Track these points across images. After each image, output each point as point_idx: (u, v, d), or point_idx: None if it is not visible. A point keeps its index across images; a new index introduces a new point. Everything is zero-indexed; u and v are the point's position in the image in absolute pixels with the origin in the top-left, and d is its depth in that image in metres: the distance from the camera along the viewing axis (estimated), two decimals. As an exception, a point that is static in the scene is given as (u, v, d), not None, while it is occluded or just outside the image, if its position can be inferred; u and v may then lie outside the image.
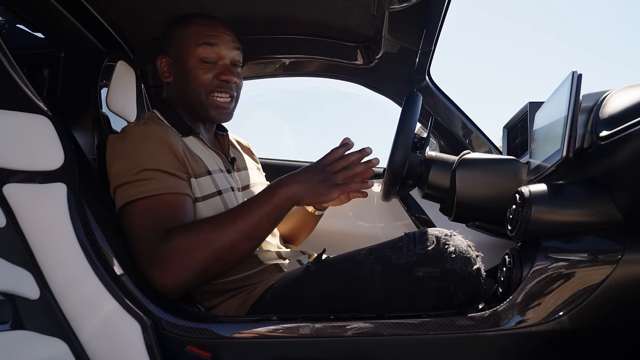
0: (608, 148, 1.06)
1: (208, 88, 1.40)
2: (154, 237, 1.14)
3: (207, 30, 1.40)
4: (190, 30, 1.40)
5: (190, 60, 1.39)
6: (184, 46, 1.40)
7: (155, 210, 1.18)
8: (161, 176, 1.21)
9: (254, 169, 1.63)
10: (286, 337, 1.07)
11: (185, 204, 1.23)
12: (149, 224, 1.16)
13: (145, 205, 1.18)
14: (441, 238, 1.18)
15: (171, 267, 1.12)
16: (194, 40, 1.39)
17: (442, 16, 1.65)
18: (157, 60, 1.45)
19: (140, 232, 1.16)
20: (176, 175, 1.24)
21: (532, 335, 1.04)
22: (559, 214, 1.08)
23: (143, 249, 1.15)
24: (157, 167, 1.22)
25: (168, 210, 1.19)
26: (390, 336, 1.06)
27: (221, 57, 1.41)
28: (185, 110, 1.45)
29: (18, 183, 1.04)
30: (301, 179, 1.21)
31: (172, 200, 1.21)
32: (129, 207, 1.19)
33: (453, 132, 2.11)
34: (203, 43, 1.38)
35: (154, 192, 1.19)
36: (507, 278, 1.13)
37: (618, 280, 1.01)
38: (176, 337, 1.07)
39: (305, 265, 1.28)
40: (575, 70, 1.13)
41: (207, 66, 1.39)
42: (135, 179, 1.20)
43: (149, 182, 1.20)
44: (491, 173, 1.40)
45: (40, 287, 1.02)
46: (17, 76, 1.10)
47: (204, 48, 1.38)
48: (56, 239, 1.05)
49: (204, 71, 1.39)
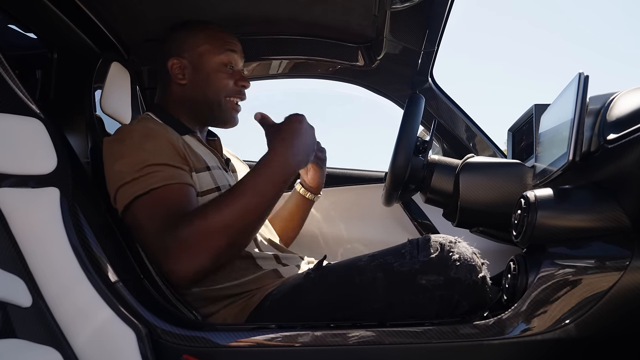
0: (616, 151, 1.06)
1: (228, 92, 1.51)
2: (164, 229, 1.18)
3: (227, 38, 1.53)
4: (211, 36, 1.51)
5: (212, 64, 1.50)
6: (204, 50, 1.49)
7: (164, 201, 1.21)
8: (164, 168, 1.25)
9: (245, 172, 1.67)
10: (285, 345, 1.07)
11: (191, 193, 1.28)
12: (159, 216, 1.19)
13: (153, 197, 1.21)
14: (445, 245, 1.18)
15: (186, 256, 1.17)
16: (217, 46, 1.50)
17: (445, 16, 1.65)
18: (168, 62, 1.49)
19: (151, 226, 1.19)
20: (180, 168, 1.28)
21: (538, 343, 1.04)
22: (566, 219, 1.08)
23: (155, 242, 1.18)
24: (161, 161, 1.25)
25: (176, 200, 1.23)
26: (392, 345, 1.05)
27: (237, 64, 1.53)
28: (193, 111, 1.51)
29: (9, 187, 1.04)
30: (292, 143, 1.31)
31: (179, 190, 1.25)
32: (137, 203, 1.21)
33: (456, 135, 2.11)
34: (227, 50, 1.51)
35: (161, 183, 1.22)
36: (512, 285, 1.13)
37: (626, 287, 1.01)
38: (172, 345, 1.07)
39: (305, 271, 1.28)
40: (582, 71, 1.13)
41: (228, 71, 1.51)
42: (139, 175, 1.23)
43: (155, 175, 1.23)
44: (495, 177, 1.40)
45: (33, 294, 1.01)
46: (9, 77, 1.10)
47: (228, 54, 1.51)
48: (49, 244, 1.05)
49: (226, 76, 1.51)
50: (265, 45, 2.00)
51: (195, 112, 1.51)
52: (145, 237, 1.20)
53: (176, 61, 1.49)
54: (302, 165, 1.34)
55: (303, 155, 1.32)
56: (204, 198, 1.33)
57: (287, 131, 1.32)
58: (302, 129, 1.33)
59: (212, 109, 1.51)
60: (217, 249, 1.18)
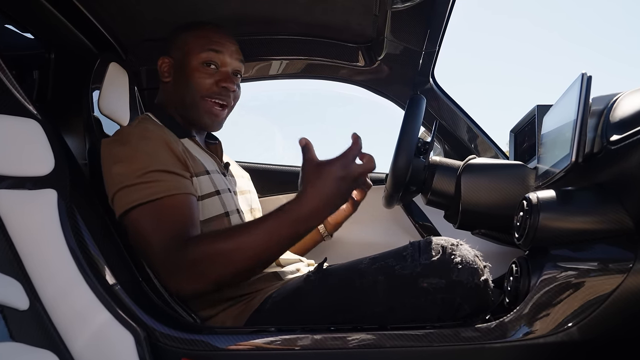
0: (619, 153, 1.06)
1: (206, 93, 1.45)
2: (173, 244, 1.17)
3: (215, 37, 1.47)
4: (197, 35, 1.47)
5: (192, 62, 1.45)
6: (188, 48, 1.46)
7: (168, 213, 1.20)
8: (168, 177, 1.24)
9: (245, 178, 1.71)
10: (285, 349, 1.07)
11: (194, 204, 1.26)
12: (165, 229, 1.18)
13: (156, 208, 1.20)
14: (447, 248, 1.18)
15: (192, 277, 1.16)
16: (200, 44, 1.45)
17: (446, 16, 1.65)
18: (158, 60, 1.50)
19: (157, 237, 1.18)
20: (181, 175, 1.27)
21: (540, 347, 1.04)
22: (568, 221, 1.08)
23: (159, 255, 1.18)
24: (162, 167, 1.24)
25: (181, 213, 1.22)
26: (393, 348, 1.05)
27: (224, 64, 1.47)
28: (179, 113, 1.49)
29: (6, 189, 1.05)
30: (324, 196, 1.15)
31: (183, 201, 1.23)
32: (138, 211, 1.20)
33: (458, 137, 2.11)
34: (208, 49, 1.45)
35: (164, 194, 1.21)
36: (515, 288, 1.13)
37: (629, 290, 1.01)
38: (171, 349, 1.07)
39: (305, 274, 1.28)
40: (585, 72, 1.13)
41: (209, 71, 1.45)
42: (140, 181, 1.21)
43: (157, 184, 1.21)
44: (497, 179, 1.40)
45: (30, 297, 1.01)
46: (6, 78, 1.10)
47: (209, 53, 1.44)
48: (46, 247, 1.06)
49: (205, 75, 1.45)
50: (264, 45, 2.00)
51: (179, 112, 1.49)
52: (147, 247, 1.19)
53: (166, 60, 1.49)
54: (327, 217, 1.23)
55: (334, 207, 1.19)
56: (204, 202, 1.33)
57: (326, 178, 1.15)
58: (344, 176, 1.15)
59: (190, 109, 1.47)
60: (220, 277, 1.17)
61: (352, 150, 1.17)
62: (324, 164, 1.16)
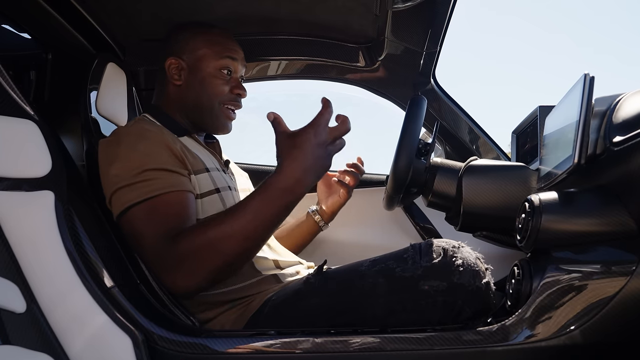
0: (622, 154, 1.06)
1: (223, 98, 1.51)
2: (164, 240, 1.17)
3: (230, 44, 1.53)
4: (211, 41, 1.51)
5: (208, 68, 1.49)
6: (203, 53, 1.49)
7: (162, 210, 1.20)
8: (164, 175, 1.24)
9: (244, 176, 1.72)
10: (285, 352, 1.07)
11: (190, 201, 1.26)
12: (157, 226, 1.19)
13: (151, 206, 1.20)
14: (448, 250, 1.18)
15: (184, 271, 1.16)
16: (216, 51, 1.50)
17: (447, 16, 1.65)
18: (166, 61, 1.50)
19: (149, 235, 1.19)
20: (178, 173, 1.27)
21: (542, 350, 1.04)
22: (571, 224, 1.08)
23: (154, 253, 1.18)
24: (159, 166, 1.24)
25: (175, 210, 1.22)
26: (394, 351, 1.05)
27: (236, 71, 1.53)
28: (186, 114, 1.51)
29: (3, 191, 1.04)
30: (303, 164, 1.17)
31: (177, 198, 1.24)
32: (134, 210, 1.21)
33: (459, 138, 2.11)
34: (226, 56, 1.51)
35: (159, 192, 1.21)
36: (516, 290, 1.13)
37: (632, 292, 1.01)
38: (169, 352, 1.07)
39: (305, 276, 1.28)
40: (588, 72, 1.13)
41: (225, 77, 1.51)
42: (136, 180, 1.22)
43: (153, 182, 1.22)
44: (499, 180, 1.40)
45: (27, 300, 1.01)
46: (2, 79, 1.10)
47: (226, 61, 1.50)
48: (43, 249, 1.05)
49: (221, 81, 1.51)
50: (264, 45, 2.00)
51: (188, 114, 1.52)
52: (142, 246, 1.20)
53: (174, 61, 1.50)
54: (311, 186, 1.22)
55: (315, 175, 1.20)
56: (204, 200, 1.33)
57: (301, 147, 1.17)
58: (320, 142, 1.18)
59: (205, 114, 1.51)
60: (214, 267, 1.17)
61: (323, 115, 1.19)
62: (297, 133, 1.19)
